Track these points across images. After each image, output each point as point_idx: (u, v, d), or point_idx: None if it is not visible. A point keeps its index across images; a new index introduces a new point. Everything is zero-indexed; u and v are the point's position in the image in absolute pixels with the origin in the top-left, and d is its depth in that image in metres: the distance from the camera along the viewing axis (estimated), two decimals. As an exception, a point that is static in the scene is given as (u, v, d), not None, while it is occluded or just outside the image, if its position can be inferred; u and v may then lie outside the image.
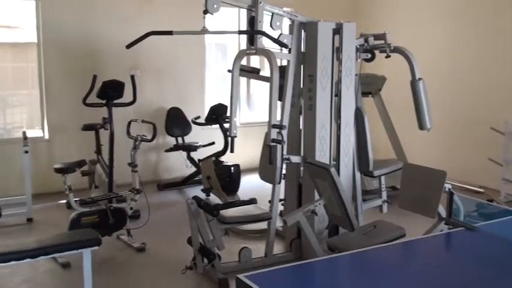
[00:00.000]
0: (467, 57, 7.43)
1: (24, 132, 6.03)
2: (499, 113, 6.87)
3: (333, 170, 3.92)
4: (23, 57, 7.70)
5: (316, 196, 4.42)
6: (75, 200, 4.96)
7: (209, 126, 7.29)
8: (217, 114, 6.95)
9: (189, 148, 7.35)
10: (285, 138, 4.42)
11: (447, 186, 3.73)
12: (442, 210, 3.86)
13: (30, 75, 7.36)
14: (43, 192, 6.51)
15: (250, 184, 7.14)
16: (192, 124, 7.46)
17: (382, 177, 5.29)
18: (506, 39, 6.98)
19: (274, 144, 4.32)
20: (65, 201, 6.36)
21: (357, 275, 2.82)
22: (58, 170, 4.94)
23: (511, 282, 2.66)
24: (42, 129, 7.06)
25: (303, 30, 4.72)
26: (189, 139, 7.51)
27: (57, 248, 3.66)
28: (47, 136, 7.03)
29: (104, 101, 5.91)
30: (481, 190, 6.92)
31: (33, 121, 7.35)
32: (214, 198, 6.47)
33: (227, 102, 6.89)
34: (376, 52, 5.03)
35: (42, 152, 6.92)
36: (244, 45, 8.26)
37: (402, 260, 3.05)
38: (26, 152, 5.88)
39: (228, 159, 6.76)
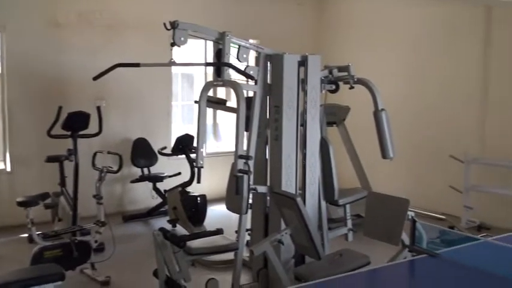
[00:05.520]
0: (429, 90, 7.68)
1: (-15, 165, 5.92)
2: (459, 144, 7.11)
3: (299, 199, 3.96)
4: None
5: (283, 226, 4.44)
6: (38, 234, 4.86)
7: (175, 156, 7.27)
8: (184, 145, 6.95)
9: (155, 179, 7.31)
10: (252, 169, 4.45)
11: (410, 213, 3.81)
12: (405, 238, 3.93)
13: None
14: (4, 226, 6.34)
15: (217, 214, 7.12)
16: (158, 155, 7.43)
17: (347, 206, 5.34)
18: (467, 73, 7.26)
19: (241, 174, 4.34)
20: (27, 235, 6.22)
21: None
22: (20, 204, 4.84)
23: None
24: (4, 161, 6.92)
25: (269, 62, 4.81)
26: (155, 170, 7.47)
27: (18, 284, 3.56)
28: (8, 168, 6.89)
29: (69, 133, 5.85)
30: (443, 217, 7.08)
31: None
32: (180, 229, 6.44)
33: (194, 133, 6.93)
34: (340, 83, 5.15)
35: (3, 184, 6.77)
36: (210, 76, 8.31)
37: (368, 288, 3.10)
38: (-13, 184, 5.76)
39: (194, 189, 6.74)
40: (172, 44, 4.39)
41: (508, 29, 6.75)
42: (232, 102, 5.56)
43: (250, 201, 4.80)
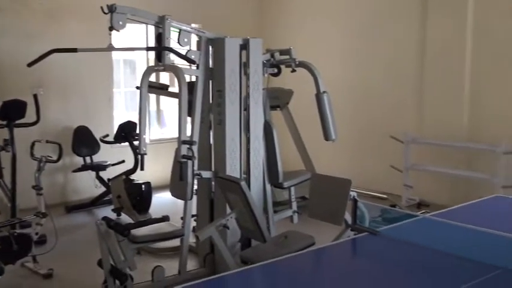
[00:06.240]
0: (370, 74, 7.85)
1: None
2: (399, 125, 7.32)
3: (243, 183, 3.97)
4: None
5: (228, 210, 4.45)
6: (-26, 228, 4.67)
7: (118, 144, 7.13)
8: (127, 132, 6.83)
9: (98, 167, 7.16)
10: (196, 154, 4.42)
11: (352, 194, 3.89)
12: (348, 218, 4.02)
13: None
14: None
15: (162, 201, 7.06)
16: (100, 143, 7.27)
17: (292, 188, 5.40)
18: (405, 57, 7.45)
19: (185, 160, 4.31)
20: (-38, 229, 5.98)
21: (269, 286, 2.88)
22: (-46, 197, 4.64)
23: (411, 283, 2.82)
24: None
25: (210, 46, 4.77)
26: (97, 158, 7.30)
27: (-46, 279, 3.43)
28: None
29: (4, 122, 5.64)
30: (385, 196, 7.29)
31: None
32: (125, 218, 6.35)
33: (136, 119, 6.81)
34: (282, 67, 5.17)
35: None
36: (153, 61, 8.20)
37: (312, 267, 3.16)
38: None
39: (138, 177, 6.64)
40: (111, 29, 4.28)
41: (442, 13, 6.95)
42: (175, 88, 5.49)
43: (195, 187, 4.78)
